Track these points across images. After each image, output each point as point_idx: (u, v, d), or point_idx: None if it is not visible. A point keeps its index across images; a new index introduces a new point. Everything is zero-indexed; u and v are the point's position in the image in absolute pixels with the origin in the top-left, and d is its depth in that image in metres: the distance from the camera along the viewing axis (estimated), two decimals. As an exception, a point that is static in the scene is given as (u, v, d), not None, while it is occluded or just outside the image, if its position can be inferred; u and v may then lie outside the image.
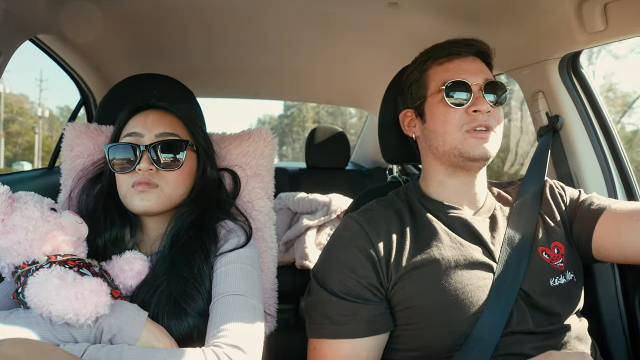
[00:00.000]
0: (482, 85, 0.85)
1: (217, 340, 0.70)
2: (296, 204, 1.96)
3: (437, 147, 0.88)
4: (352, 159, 3.09)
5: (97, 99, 1.71)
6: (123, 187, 0.88)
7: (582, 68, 1.23)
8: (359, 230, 0.84)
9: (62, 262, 0.71)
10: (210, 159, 0.99)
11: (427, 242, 0.82)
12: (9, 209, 0.71)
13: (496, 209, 0.91)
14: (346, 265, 0.81)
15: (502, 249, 0.82)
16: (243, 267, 0.85)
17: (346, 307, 0.78)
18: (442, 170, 0.90)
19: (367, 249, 0.81)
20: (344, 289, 0.79)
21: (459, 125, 0.84)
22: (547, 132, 1.22)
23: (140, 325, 0.69)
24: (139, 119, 0.92)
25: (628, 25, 0.97)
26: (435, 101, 0.88)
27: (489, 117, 0.84)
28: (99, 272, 0.78)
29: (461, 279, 0.77)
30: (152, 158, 0.87)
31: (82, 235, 0.79)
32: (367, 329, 0.77)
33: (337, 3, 1.23)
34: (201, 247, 0.86)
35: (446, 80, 0.86)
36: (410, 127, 0.97)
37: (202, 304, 0.80)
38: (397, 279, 0.79)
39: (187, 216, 0.90)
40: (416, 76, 0.94)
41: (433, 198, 0.90)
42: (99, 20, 1.29)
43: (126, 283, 0.82)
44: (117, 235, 0.90)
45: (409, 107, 0.96)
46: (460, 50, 0.89)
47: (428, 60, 0.92)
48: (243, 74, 2.05)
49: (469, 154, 0.83)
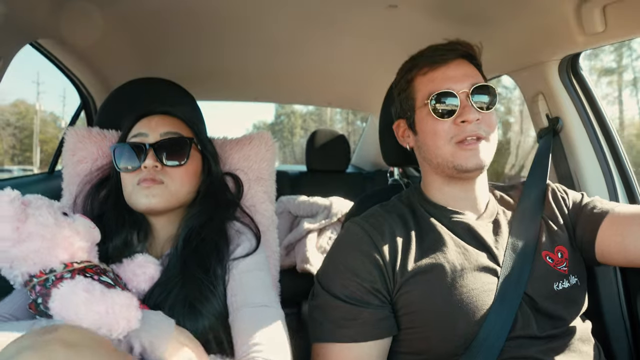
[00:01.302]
0: (468, 92, 0.83)
1: (254, 354, 0.70)
2: (297, 207, 1.96)
3: (431, 160, 0.88)
4: (352, 162, 3.09)
5: (97, 103, 1.71)
6: (129, 186, 0.88)
7: (581, 69, 1.24)
8: (363, 235, 0.83)
9: (80, 270, 0.70)
10: (214, 159, 1.00)
11: (431, 246, 0.82)
12: (22, 215, 0.67)
13: (499, 214, 0.91)
14: (350, 270, 0.80)
15: (506, 254, 0.81)
16: (260, 274, 0.86)
17: (350, 311, 0.78)
18: (439, 179, 0.90)
19: (372, 254, 0.80)
20: (347, 293, 0.79)
21: (447, 138, 0.83)
22: (547, 133, 1.22)
23: (169, 334, 0.67)
24: (143, 122, 0.93)
25: (627, 26, 0.97)
26: (423, 114, 0.87)
27: (479, 125, 0.82)
28: (114, 277, 0.77)
29: (466, 283, 0.77)
30: (158, 155, 0.87)
31: (95, 240, 0.78)
32: (371, 332, 0.77)
33: (337, 5, 1.24)
34: (215, 249, 0.86)
35: (432, 92, 0.84)
36: (405, 138, 0.96)
37: (217, 305, 0.80)
38: (402, 283, 0.78)
39: (198, 217, 0.91)
40: (403, 86, 0.93)
41: (436, 202, 0.90)
42: (98, 24, 1.29)
43: (139, 287, 0.81)
44: (126, 238, 0.90)
45: (400, 117, 0.96)
46: (444, 57, 0.86)
47: (413, 70, 0.91)
48: (243, 77, 2.06)
49: (462, 167, 0.83)
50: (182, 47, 1.61)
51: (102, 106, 1.17)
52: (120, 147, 0.90)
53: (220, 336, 0.79)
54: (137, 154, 0.88)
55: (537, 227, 0.86)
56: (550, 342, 0.76)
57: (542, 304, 0.78)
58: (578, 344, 0.78)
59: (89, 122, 1.76)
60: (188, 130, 0.96)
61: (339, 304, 0.79)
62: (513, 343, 0.74)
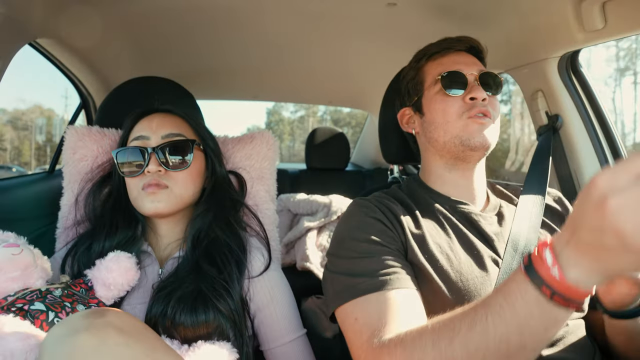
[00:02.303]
0: (477, 76, 0.87)
1: None
2: (296, 205, 1.96)
3: (437, 139, 0.89)
4: (352, 160, 3.09)
5: (96, 102, 1.71)
6: (134, 191, 0.89)
7: (581, 67, 1.24)
8: (373, 207, 0.84)
9: (8, 306, 0.65)
10: (218, 157, 1.00)
11: (435, 232, 0.82)
12: None
13: (502, 207, 0.91)
14: (362, 229, 0.79)
15: (507, 250, 0.82)
16: (285, 292, 0.93)
17: (375, 262, 0.75)
18: (441, 164, 0.91)
19: (383, 221, 0.81)
20: (362, 250, 0.77)
21: (459, 114, 0.86)
22: (546, 131, 1.22)
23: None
24: (144, 123, 0.92)
25: (626, 23, 0.97)
26: (432, 93, 0.90)
27: (487, 104, 0.85)
28: (62, 295, 0.73)
29: (468, 271, 0.77)
30: (160, 159, 0.87)
31: (27, 265, 0.72)
32: (402, 279, 0.73)
33: (336, 4, 1.24)
34: (227, 248, 0.88)
35: (441, 72, 0.88)
36: (410, 124, 0.97)
37: (232, 304, 0.81)
38: (410, 260, 0.78)
39: (204, 216, 0.91)
40: (412, 75, 0.96)
41: (437, 191, 0.91)
42: (98, 23, 1.29)
43: (117, 282, 0.80)
44: (128, 238, 0.90)
45: (406, 105, 0.98)
46: (453, 45, 0.92)
47: (422, 58, 0.94)
48: (243, 76, 2.05)
49: (469, 142, 0.84)
50: (181, 46, 1.60)
51: (102, 105, 1.17)
52: (122, 152, 0.90)
53: (226, 331, 0.79)
54: (139, 158, 0.88)
55: (539, 222, 0.86)
56: None
57: None
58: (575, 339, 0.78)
59: (89, 121, 1.76)
60: (190, 129, 0.95)
61: (358, 261, 0.76)
62: None
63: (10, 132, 30.73)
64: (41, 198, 1.21)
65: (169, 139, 0.89)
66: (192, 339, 0.75)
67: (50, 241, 1.02)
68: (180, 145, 0.90)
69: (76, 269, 0.87)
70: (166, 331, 0.77)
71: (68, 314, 0.68)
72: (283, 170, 2.34)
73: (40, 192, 1.27)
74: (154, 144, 0.88)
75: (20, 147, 30.65)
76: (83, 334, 0.51)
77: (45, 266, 0.78)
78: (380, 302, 0.70)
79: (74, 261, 0.88)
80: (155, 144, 0.88)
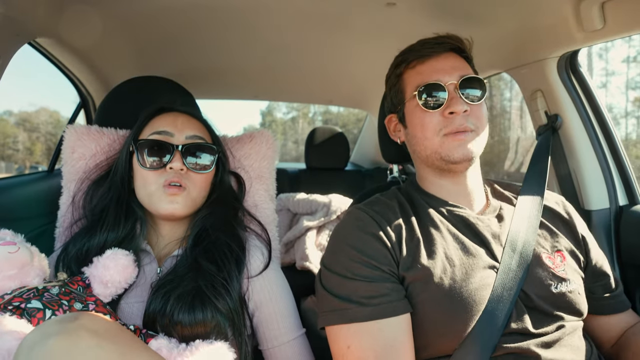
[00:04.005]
0: (457, 84, 0.83)
1: None
2: (296, 204, 1.96)
3: (420, 152, 0.88)
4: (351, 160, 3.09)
5: (96, 101, 1.71)
6: (152, 186, 0.87)
7: (580, 67, 1.24)
8: (369, 220, 0.83)
9: (5, 305, 0.65)
10: (226, 165, 1.01)
11: (431, 238, 0.82)
12: None
13: (502, 209, 0.91)
14: (356, 248, 0.79)
15: (505, 250, 0.81)
16: (284, 291, 0.93)
17: (363, 288, 0.75)
18: (431, 172, 0.91)
19: (380, 236, 0.80)
20: (355, 271, 0.77)
21: (436, 130, 0.84)
22: (546, 131, 1.22)
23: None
24: (168, 118, 0.92)
25: (626, 23, 0.98)
26: (412, 106, 0.88)
27: (468, 117, 0.82)
28: (59, 293, 0.72)
29: (463, 277, 0.77)
30: (184, 159, 0.87)
31: (24, 263, 0.72)
32: (385, 310, 0.74)
33: (336, 4, 1.24)
34: (228, 249, 0.87)
35: (420, 84, 0.85)
36: (396, 132, 0.97)
37: (231, 303, 0.81)
38: (405, 273, 0.78)
39: (207, 219, 0.91)
40: (394, 81, 0.94)
41: (433, 195, 0.91)
42: (97, 23, 1.29)
43: (114, 279, 0.80)
44: (125, 236, 0.90)
45: (392, 112, 0.96)
46: (433, 50, 0.87)
47: (402, 64, 0.91)
48: (242, 75, 2.05)
49: (449, 157, 0.83)
50: (181, 46, 1.60)
51: (102, 105, 1.17)
52: (144, 143, 0.88)
53: (225, 330, 0.79)
54: (163, 152, 0.87)
55: (537, 225, 0.86)
56: (545, 337, 0.76)
57: (538, 302, 0.78)
58: (571, 340, 0.78)
59: (88, 121, 1.76)
60: (208, 135, 0.96)
61: (351, 282, 0.76)
62: (508, 338, 0.75)
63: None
64: (41, 197, 1.21)
65: (194, 141, 0.89)
66: (190, 337, 0.75)
67: (49, 240, 1.02)
68: (205, 148, 0.90)
69: (70, 268, 0.86)
70: (164, 329, 0.77)
71: (65, 312, 0.68)
72: (282, 170, 2.34)
73: (39, 191, 1.27)
74: (177, 142, 0.88)
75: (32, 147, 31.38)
76: (55, 338, 0.51)
77: (43, 264, 0.77)
78: (373, 335, 0.73)
79: (67, 260, 0.88)
80: (178, 143, 0.88)
